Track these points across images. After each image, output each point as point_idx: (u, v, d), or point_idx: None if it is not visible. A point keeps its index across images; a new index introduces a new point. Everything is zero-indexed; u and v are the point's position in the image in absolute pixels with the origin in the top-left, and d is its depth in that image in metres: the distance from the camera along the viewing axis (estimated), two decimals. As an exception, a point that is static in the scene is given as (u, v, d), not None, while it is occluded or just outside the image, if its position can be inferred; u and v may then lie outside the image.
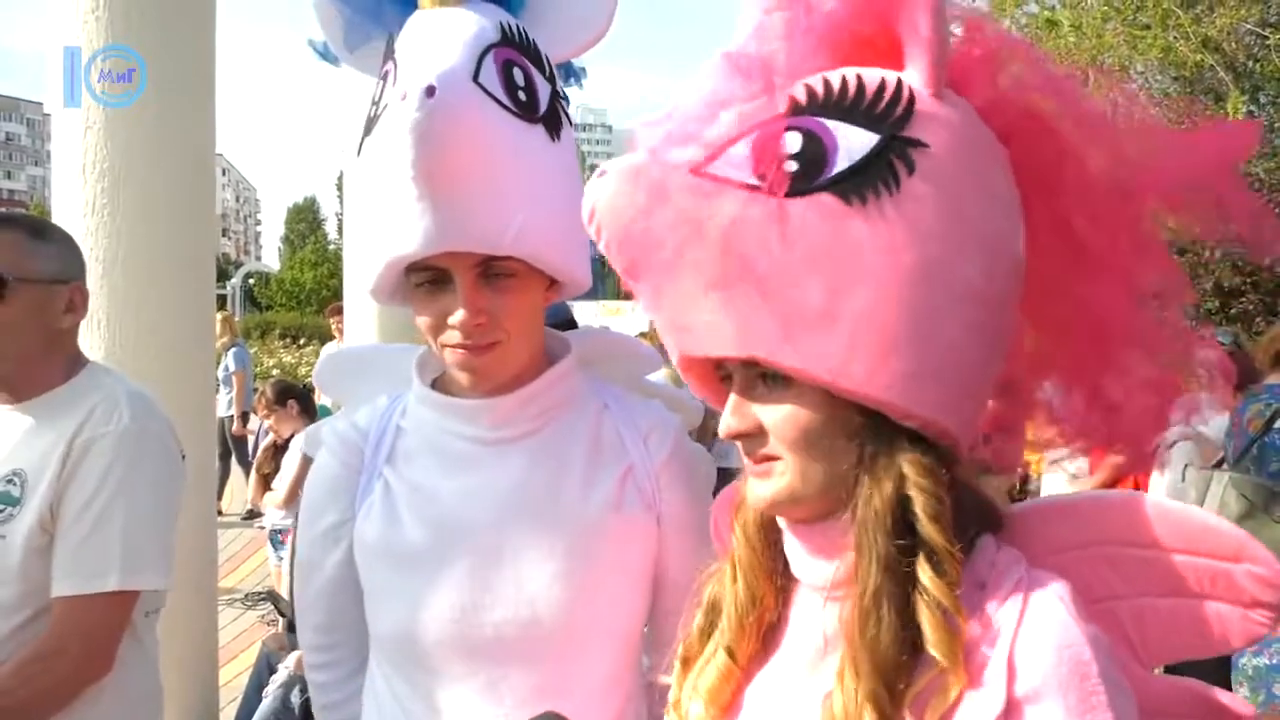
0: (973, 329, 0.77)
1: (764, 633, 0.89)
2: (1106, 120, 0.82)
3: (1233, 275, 9.56)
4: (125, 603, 1.58)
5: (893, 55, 0.81)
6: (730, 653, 0.88)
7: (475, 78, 1.07)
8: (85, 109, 2.75)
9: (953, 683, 0.71)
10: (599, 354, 1.34)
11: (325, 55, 1.27)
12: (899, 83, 0.79)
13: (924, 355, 0.75)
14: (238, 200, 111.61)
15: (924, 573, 0.74)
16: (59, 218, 2.78)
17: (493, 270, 1.11)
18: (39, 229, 1.70)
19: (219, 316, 6.55)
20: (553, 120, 1.15)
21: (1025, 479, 4.36)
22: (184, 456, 1.75)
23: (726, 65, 0.82)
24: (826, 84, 0.80)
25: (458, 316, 1.11)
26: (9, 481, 1.57)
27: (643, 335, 5.55)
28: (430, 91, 1.00)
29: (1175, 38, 10.55)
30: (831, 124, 0.77)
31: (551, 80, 1.18)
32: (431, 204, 1.05)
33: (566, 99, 1.23)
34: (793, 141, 0.77)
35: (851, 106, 0.78)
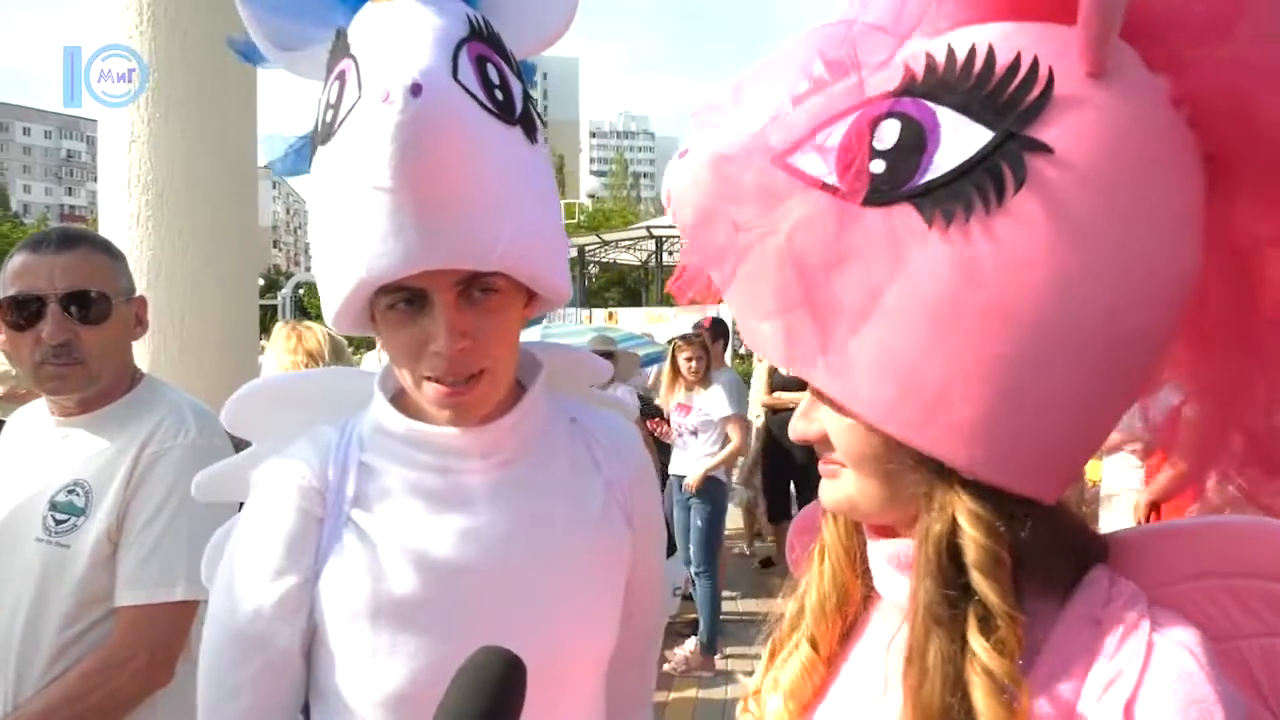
0: (1078, 378, 0.64)
1: (849, 631, 0.83)
2: None
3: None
4: (189, 613, 1.59)
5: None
6: (813, 644, 0.82)
7: (454, 75, 0.95)
8: (130, 122, 2.78)
9: None
10: (555, 367, 1.25)
11: (249, 56, 1.14)
12: (1035, 60, 0.63)
13: (998, 414, 0.63)
14: (288, 213, 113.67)
15: (974, 635, 0.64)
16: (106, 231, 2.80)
17: (476, 288, 0.99)
18: (109, 246, 1.75)
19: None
20: (529, 122, 1.05)
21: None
22: None
23: (837, 25, 0.70)
24: (949, 53, 0.65)
25: (440, 343, 0.98)
26: (71, 492, 1.58)
27: (685, 341, 5.49)
28: (416, 90, 0.87)
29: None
30: (942, 111, 0.63)
31: (519, 77, 1.08)
32: (413, 218, 0.92)
33: (533, 98, 1.13)
34: (888, 132, 0.64)
35: (972, 89, 0.63)
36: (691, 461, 5.25)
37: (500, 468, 1.10)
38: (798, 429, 0.76)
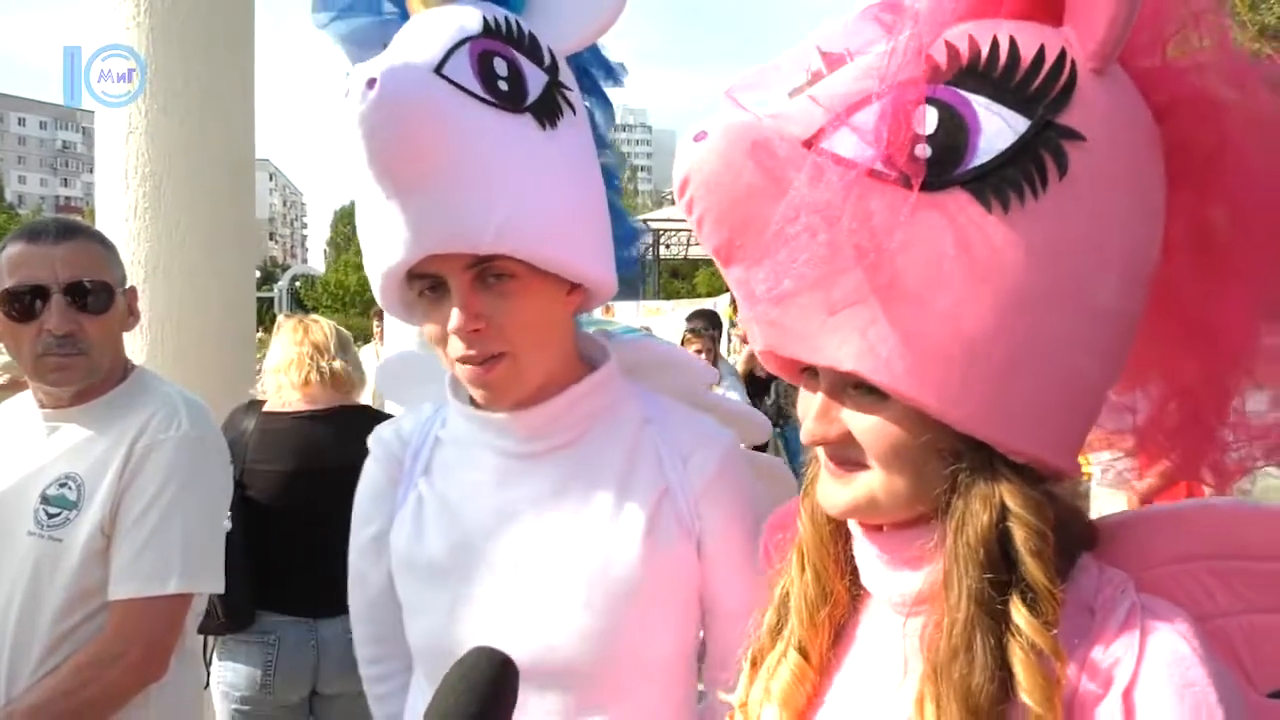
0: (1096, 355, 0.69)
1: (837, 634, 0.82)
2: None
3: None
4: (183, 605, 1.60)
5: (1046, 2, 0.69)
6: (803, 652, 0.81)
7: (439, 69, 1.01)
8: (128, 114, 2.77)
9: None
10: (650, 364, 1.26)
11: None
12: (1062, 52, 0.66)
13: (1043, 388, 0.66)
14: (285, 205, 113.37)
15: (1019, 613, 0.66)
16: (103, 223, 2.80)
17: (489, 272, 1.04)
18: (102, 236, 1.76)
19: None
20: (546, 109, 1.07)
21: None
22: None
23: (862, 15, 0.72)
24: (973, 45, 0.67)
25: (454, 322, 1.04)
26: (63, 485, 1.58)
27: (694, 334, 5.50)
28: (370, 84, 0.94)
29: (1228, 26, 10.20)
30: (975, 99, 0.65)
31: (552, 71, 1.11)
32: (403, 205, 1.00)
33: (574, 90, 1.15)
34: (928, 119, 0.65)
35: (1002, 79, 0.65)
36: None
37: (546, 453, 1.13)
38: (815, 432, 0.73)
